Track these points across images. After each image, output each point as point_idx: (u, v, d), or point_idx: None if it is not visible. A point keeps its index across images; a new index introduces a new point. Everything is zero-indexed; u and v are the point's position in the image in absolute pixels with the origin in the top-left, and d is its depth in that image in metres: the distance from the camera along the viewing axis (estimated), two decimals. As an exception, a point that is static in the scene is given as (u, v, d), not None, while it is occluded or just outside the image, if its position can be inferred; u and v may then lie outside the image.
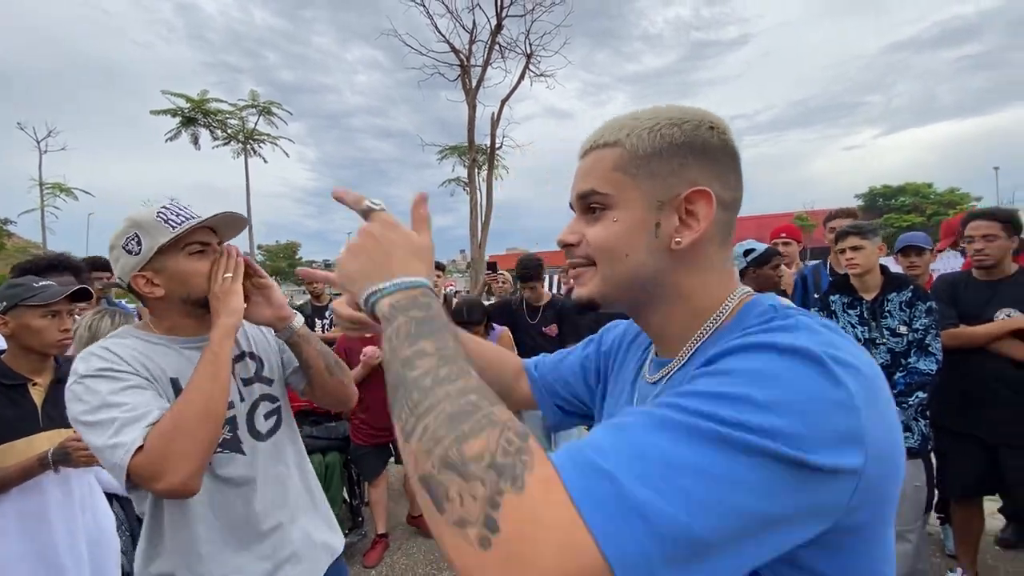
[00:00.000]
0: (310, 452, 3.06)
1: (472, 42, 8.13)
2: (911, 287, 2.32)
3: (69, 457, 1.48)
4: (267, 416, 1.24)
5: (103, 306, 2.47)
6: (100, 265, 2.82)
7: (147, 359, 1.08)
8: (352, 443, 3.13)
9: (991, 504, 2.68)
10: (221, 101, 18.91)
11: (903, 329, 2.27)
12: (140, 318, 1.45)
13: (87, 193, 27.82)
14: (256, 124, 19.42)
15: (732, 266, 0.64)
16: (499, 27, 8.17)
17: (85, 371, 1.00)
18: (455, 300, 3.90)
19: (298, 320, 1.25)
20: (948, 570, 2.49)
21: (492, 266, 6.08)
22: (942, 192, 35.78)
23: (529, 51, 8.06)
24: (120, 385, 0.99)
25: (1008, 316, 2.27)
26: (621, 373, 0.77)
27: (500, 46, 8.21)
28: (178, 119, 18.42)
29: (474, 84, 8.20)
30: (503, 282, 4.26)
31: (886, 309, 2.32)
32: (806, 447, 0.39)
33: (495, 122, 8.39)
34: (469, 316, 2.86)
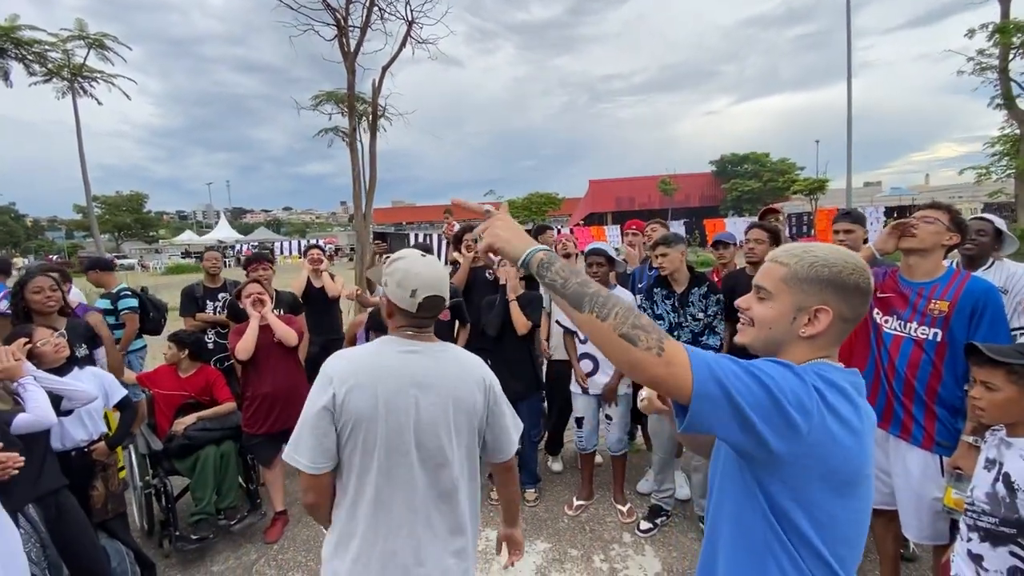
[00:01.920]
0: (205, 444, 3.19)
1: (350, 2, 7.73)
2: (707, 283, 3.07)
3: None
4: None
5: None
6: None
7: None
8: (245, 433, 3.27)
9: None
10: (38, 29, 15.52)
11: (700, 315, 3.02)
12: None
13: None
14: (85, 59, 16.30)
15: (832, 352, 1.00)
16: (378, -13, 7.84)
17: None
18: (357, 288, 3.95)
19: None
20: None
21: (381, 236, 6.10)
22: (776, 161, 41.17)
23: (411, 18, 7.87)
24: None
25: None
26: None
27: (380, 8, 7.91)
28: (-23, 48, 14.85)
29: (353, 47, 7.86)
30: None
31: (690, 300, 3.05)
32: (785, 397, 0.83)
33: (376, 90, 8.15)
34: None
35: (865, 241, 2.74)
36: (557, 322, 3.51)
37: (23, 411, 1.99)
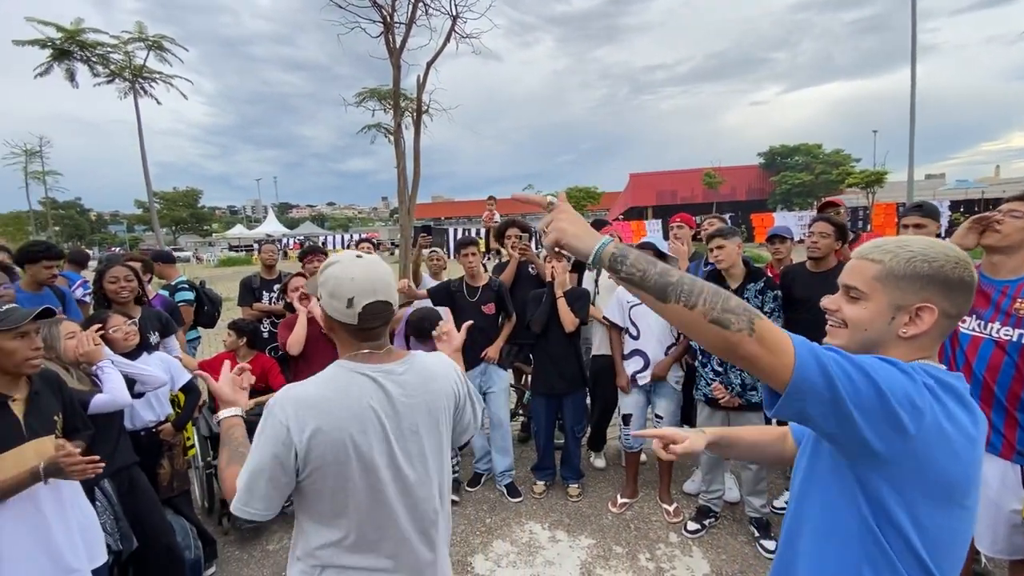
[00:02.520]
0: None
1: (396, -3, 7.80)
2: (764, 278, 2.95)
3: (61, 471, 1.67)
4: None
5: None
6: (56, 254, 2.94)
7: None
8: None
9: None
10: (101, 32, 16.51)
11: (756, 312, 2.90)
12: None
13: (-71, 130, 23.51)
14: (145, 60, 17.22)
15: (933, 349, 0.94)
16: (423, -18, 7.89)
17: None
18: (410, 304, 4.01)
19: None
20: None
21: (427, 229, 6.15)
22: (829, 153, 39.29)
23: (455, 12, 7.89)
24: None
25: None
26: None
27: (425, 4, 7.97)
28: (49, 51, 15.92)
29: (399, 43, 7.95)
30: (437, 259, 4.48)
31: (745, 296, 2.93)
32: (894, 394, 0.78)
33: (420, 86, 8.23)
34: (431, 330, 3.15)
35: (939, 237, 2.57)
36: (604, 318, 3.44)
37: (100, 392, 2.12)
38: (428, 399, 1.29)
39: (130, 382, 2.27)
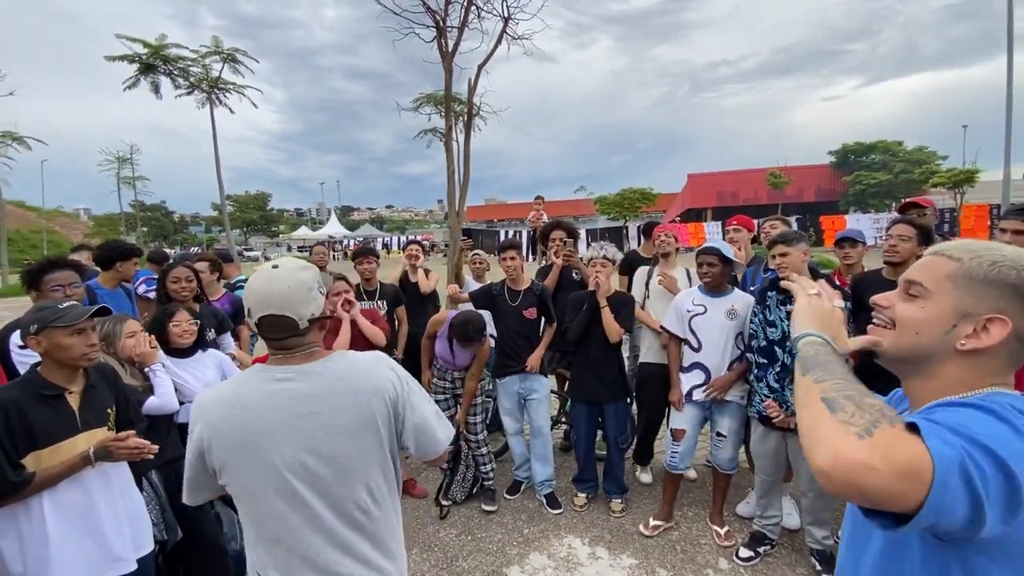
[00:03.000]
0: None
1: (449, 2, 7.90)
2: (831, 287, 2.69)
3: (111, 453, 1.76)
4: None
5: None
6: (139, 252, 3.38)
7: None
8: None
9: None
10: (181, 47, 17.93)
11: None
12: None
13: (40, 141, 26.30)
14: (221, 72, 18.52)
15: (1007, 378, 0.78)
16: (476, -14, 7.93)
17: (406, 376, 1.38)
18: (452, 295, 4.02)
19: None
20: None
21: (468, 232, 6.20)
22: (911, 150, 36.36)
23: (507, 14, 7.87)
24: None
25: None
26: None
27: (477, 7, 8.01)
28: (136, 66, 17.45)
29: (451, 47, 8.03)
30: (479, 262, 4.46)
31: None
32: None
33: (471, 88, 8.28)
34: (473, 334, 3.14)
35: None
36: (662, 328, 3.23)
37: (152, 394, 2.22)
38: (348, 398, 1.26)
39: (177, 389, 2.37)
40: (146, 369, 2.29)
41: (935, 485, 0.61)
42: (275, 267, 1.26)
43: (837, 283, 2.83)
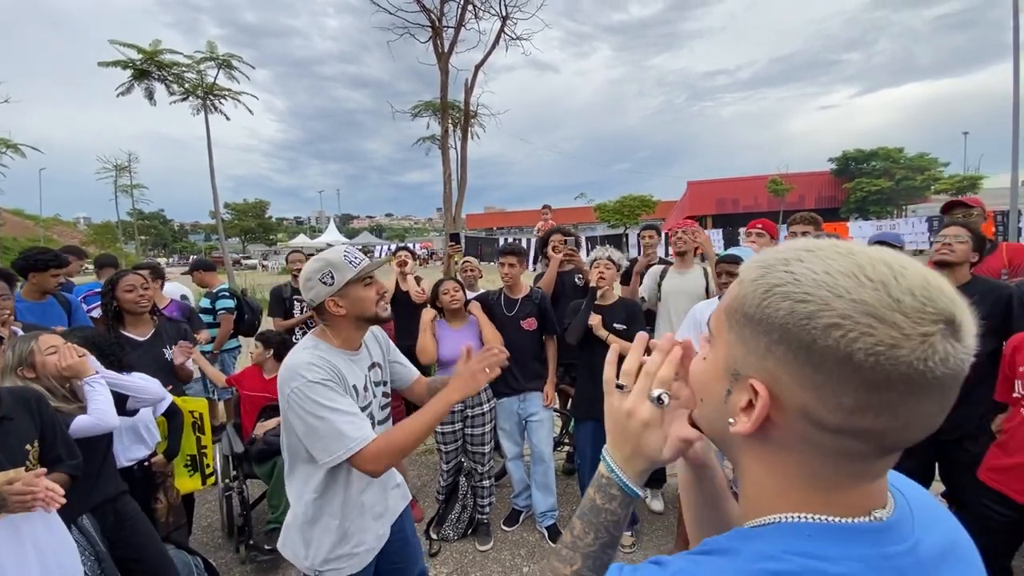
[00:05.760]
0: (273, 454, 3.07)
1: (445, 1, 7.68)
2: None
3: (4, 503, 1.43)
4: (382, 408, 1.75)
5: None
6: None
7: (335, 368, 1.50)
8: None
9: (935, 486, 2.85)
10: (176, 52, 17.57)
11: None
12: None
13: (35, 149, 26.06)
14: (216, 78, 18.20)
15: (823, 496, 0.48)
16: (473, -15, 7.73)
17: (312, 379, 1.43)
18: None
19: None
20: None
21: (455, 237, 5.88)
22: (912, 157, 36.27)
23: (504, 13, 7.66)
24: (338, 391, 1.47)
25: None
26: None
27: (474, 6, 7.79)
28: (130, 72, 17.15)
29: (447, 47, 7.80)
30: (470, 269, 4.15)
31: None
32: None
33: (468, 89, 8.04)
34: None
35: None
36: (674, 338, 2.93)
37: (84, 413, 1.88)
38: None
39: (120, 400, 2.03)
40: (80, 384, 1.95)
41: None
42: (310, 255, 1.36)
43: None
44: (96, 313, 3.64)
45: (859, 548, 0.45)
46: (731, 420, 0.50)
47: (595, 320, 2.89)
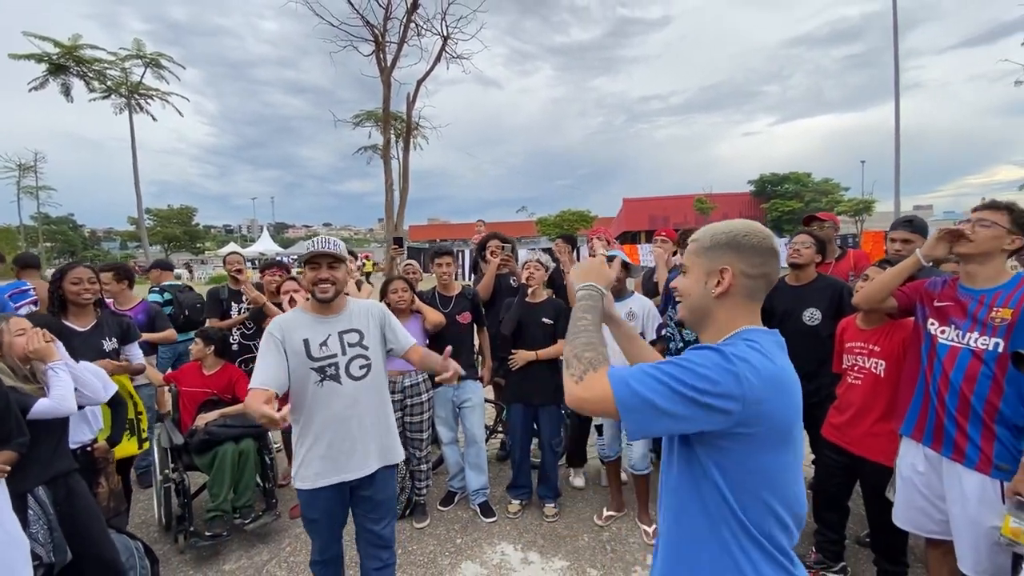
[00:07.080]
0: (224, 440, 3.20)
1: (388, 18, 7.95)
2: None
3: None
4: (360, 367, 2.10)
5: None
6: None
7: (286, 326, 2.03)
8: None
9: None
10: (98, 48, 16.63)
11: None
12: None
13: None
14: (142, 77, 17.33)
15: (756, 313, 1.08)
16: (415, 4, 8.06)
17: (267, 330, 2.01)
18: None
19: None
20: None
21: (398, 240, 6.05)
22: (818, 181, 39.94)
23: (446, 33, 8.04)
24: (271, 344, 1.98)
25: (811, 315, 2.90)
26: None
27: (416, 24, 8.11)
28: (45, 66, 15.99)
29: (389, 62, 8.06)
30: (413, 272, 4.40)
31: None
32: (708, 392, 0.91)
33: (410, 103, 8.33)
34: None
35: None
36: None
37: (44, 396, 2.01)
38: None
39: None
40: (44, 368, 2.07)
41: (618, 405, 0.92)
42: None
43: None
44: (24, 311, 3.60)
45: (768, 335, 1.04)
46: (713, 291, 1.06)
47: (526, 357, 3.35)
